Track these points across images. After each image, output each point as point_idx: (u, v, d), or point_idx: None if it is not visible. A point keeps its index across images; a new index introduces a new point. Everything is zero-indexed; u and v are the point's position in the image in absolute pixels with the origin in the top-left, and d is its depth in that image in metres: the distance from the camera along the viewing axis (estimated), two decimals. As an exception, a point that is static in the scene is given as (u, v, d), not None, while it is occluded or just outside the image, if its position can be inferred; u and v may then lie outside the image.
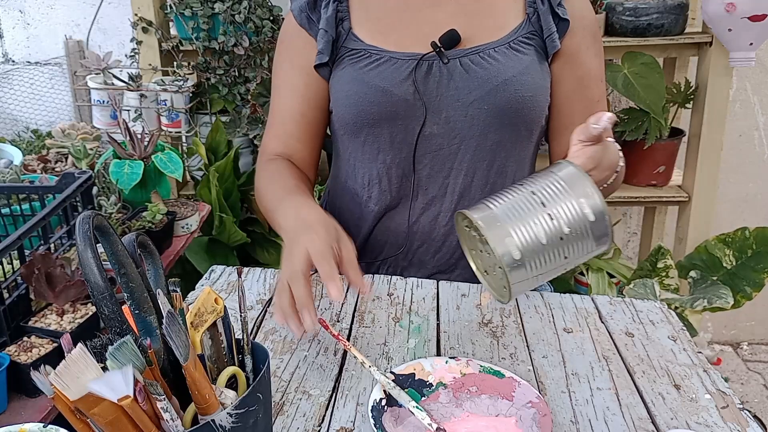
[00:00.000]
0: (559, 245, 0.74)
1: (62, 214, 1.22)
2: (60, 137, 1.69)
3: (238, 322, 0.62)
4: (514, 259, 0.73)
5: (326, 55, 1.07)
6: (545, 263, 0.74)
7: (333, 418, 0.76)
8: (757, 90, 2.37)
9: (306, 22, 1.10)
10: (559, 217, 0.73)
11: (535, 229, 0.73)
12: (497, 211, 0.75)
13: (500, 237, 0.73)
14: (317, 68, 1.09)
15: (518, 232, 0.73)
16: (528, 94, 1.03)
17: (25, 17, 2.37)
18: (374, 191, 1.10)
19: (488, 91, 1.02)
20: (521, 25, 1.06)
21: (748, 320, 2.62)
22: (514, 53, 1.04)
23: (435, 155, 1.06)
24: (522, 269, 0.73)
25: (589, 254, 0.77)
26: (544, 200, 0.74)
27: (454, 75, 1.03)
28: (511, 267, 0.73)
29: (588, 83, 1.09)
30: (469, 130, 1.04)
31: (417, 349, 0.89)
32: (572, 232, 0.74)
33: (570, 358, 0.88)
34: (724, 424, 0.75)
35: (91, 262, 0.51)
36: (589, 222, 0.74)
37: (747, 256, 1.89)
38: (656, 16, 1.88)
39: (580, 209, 0.74)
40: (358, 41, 1.07)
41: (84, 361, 0.48)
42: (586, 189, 0.75)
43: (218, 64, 2.04)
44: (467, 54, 1.03)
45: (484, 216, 0.75)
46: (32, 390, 0.95)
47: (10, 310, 1.02)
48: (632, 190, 2.10)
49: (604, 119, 0.79)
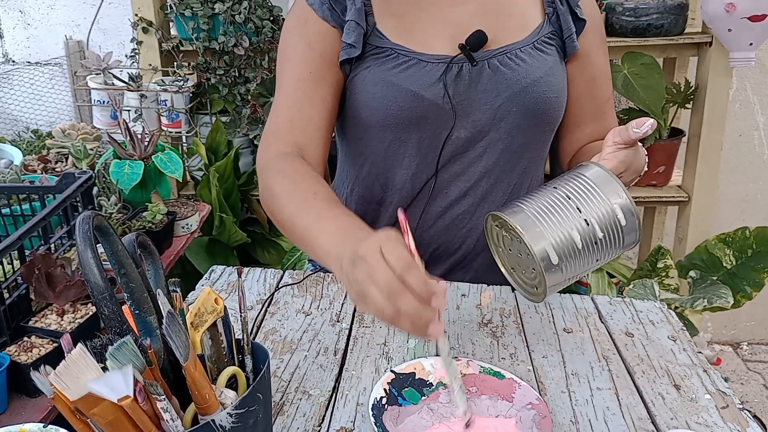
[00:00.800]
0: (593, 248, 0.77)
1: (62, 214, 1.22)
2: (60, 137, 1.69)
3: (238, 322, 0.62)
4: (552, 263, 0.76)
5: (358, 48, 1.01)
6: (579, 266, 0.78)
7: (333, 418, 0.76)
8: (757, 90, 2.37)
9: (329, 13, 1.03)
10: (593, 222, 0.77)
11: (572, 234, 0.76)
12: (535, 215, 0.77)
13: (539, 241, 0.76)
14: (341, 63, 1.03)
15: (556, 237, 0.76)
16: (554, 95, 1.03)
17: (26, 17, 2.37)
18: (395, 196, 1.07)
19: (517, 92, 1.00)
20: (542, 25, 1.05)
21: (748, 320, 2.62)
22: (539, 54, 1.03)
23: (460, 158, 1.04)
24: (558, 272, 0.76)
25: (617, 254, 0.80)
26: (580, 205, 0.77)
27: (482, 77, 1.01)
28: (548, 270, 0.76)
29: (599, 82, 1.09)
30: (496, 133, 1.02)
31: (417, 349, 0.89)
32: (605, 236, 0.77)
33: (570, 358, 0.88)
34: (724, 424, 0.75)
35: (91, 262, 0.51)
36: (621, 225, 0.77)
37: (747, 256, 1.89)
38: (656, 17, 1.88)
39: (613, 214, 0.77)
40: (383, 38, 1.02)
41: (84, 361, 0.48)
42: (619, 193, 0.78)
43: (218, 65, 2.03)
44: (495, 55, 1.01)
45: (521, 220, 0.77)
46: (32, 390, 0.95)
47: (11, 310, 1.02)
48: (632, 190, 2.05)
49: (647, 125, 0.81)
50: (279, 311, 0.99)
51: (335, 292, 1.05)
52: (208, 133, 2.07)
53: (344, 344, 0.91)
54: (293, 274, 1.10)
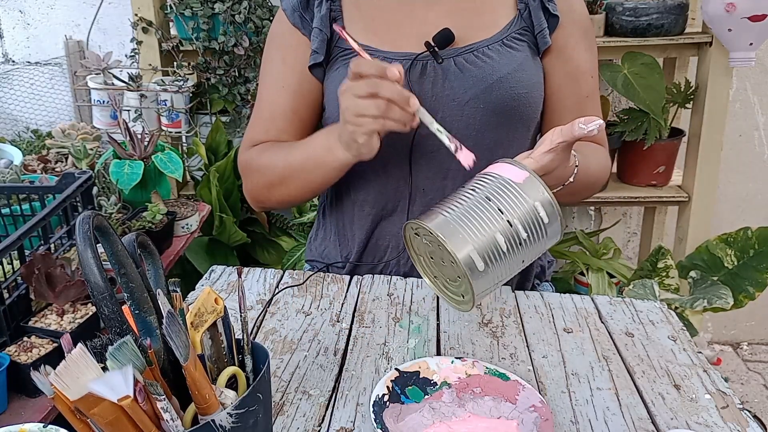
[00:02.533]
0: (518, 249, 0.74)
1: (62, 214, 1.22)
2: (60, 137, 1.69)
3: (238, 322, 0.62)
4: (478, 270, 0.73)
5: (321, 54, 1.06)
6: (506, 268, 0.75)
7: (333, 418, 0.76)
8: (757, 90, 2.37)
9: (299, 21, 1.09)
10: (516, 223, 0.74)
11: (496, 238, 0.73)
12: (456, 220, 0.74)
13: (463, 248, 0.72)
14: (311, 69, 1.08)
15: (480, 241, 0.73)
16: (523, 91, 1.03)
17: (25, 17, 2.37)
18: (371, 195, 1.09)
19: (483, 89, 1.01)
20: (513, 21, 1.05)
21: (748, 320, 2.62)
22: (508, 50, 1.03)
23: (432, 157, 1.05)
24: (485, 278, 0.74)
25: (542, 251, 0.78)
26: (501, 206, 0.74)
27: (448, 75, 1.02)
28: (475, 278, 0.73)
29: (577, 78, 1.08)
30: (465, 130, 1.03)
31: (417, 349, 0.89)
32: (529, 235, 0.74)
33: (570, 358, 0.88)
34: (724, 424, 0.75)
35: (91, 262, 0.51)
36: (543, 223, 0.75)
37: (749, 256, 1.89)
38: (656, 17, 1.88)
39: (535, 211, 0.74)
40: None
41: (84, 361, 0.48)
42: (538, 189, 0.75)
43: (218, 64, 2.03)
44: (461, 53, 1.03)
45: (441, 226, 0.74)
46: (32, 390, 0.95)
47: (10, 310, 1.02)
48: (632, 190, 2.10)
49: (595, 124, 0.78)
50: (279, 311, 0.99)
51: (335, 292, 1.05)
52: (208, 133, 2.07)
53: (344, 344, 0.91)
54: (293, 274, 1.10)
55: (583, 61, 1.09)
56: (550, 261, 1.26)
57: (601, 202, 2.18)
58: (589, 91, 1.10)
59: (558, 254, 2.08)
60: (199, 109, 2.12)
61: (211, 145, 2.06)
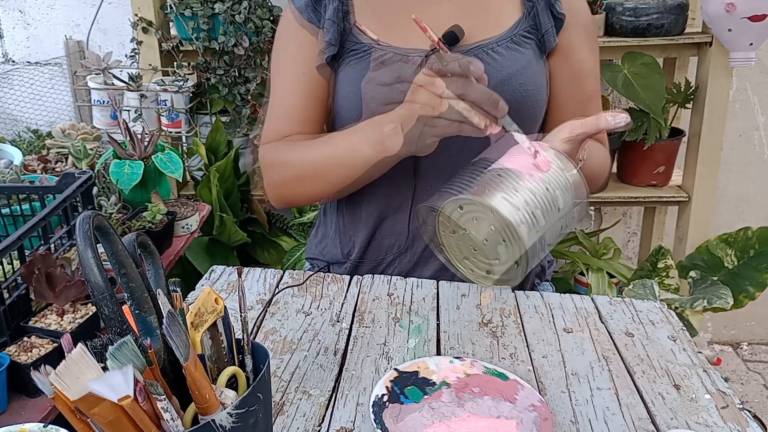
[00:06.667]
0: (547, 197, 0.73)
1: (62, 214, 1.22)
2: (60, 137, 1.69)
3: (238, 322, 0.62)
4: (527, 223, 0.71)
5: (336, 46, 1.05)
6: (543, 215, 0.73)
7: (333, 418, 0.76)
8: (757, 90, 2.37)
9: (312, 14, 1.08)
10: (552, 188, 0.73)
11: (524, 185, 0.72)
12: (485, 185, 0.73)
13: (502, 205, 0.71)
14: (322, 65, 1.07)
15: (517, 198, 0.72)
16: (530, 89, 1.03)
17: (25, 17, 2.37)
18: (376, 193, 1.09)
19: (492, 86, 1.00)
20: (520, 21, 1.06)
21: (748, 320, 2.62)
22: (515, 50, 1.04)
23: (438, 155, 1.05)
24: (531, 234, 0.71)
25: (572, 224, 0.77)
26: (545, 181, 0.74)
27: None
28: (518, 224, 0.71)
29: (581, 79, 1.09)
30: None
31: (417, 349, 0.89)
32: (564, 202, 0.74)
33: (570, 358, 0.88)
34: (724, 424, 0.75)
35: (92, 262, 0.51)
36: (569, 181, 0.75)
37: (749, 256, 1.89)
38: (656, 17, 1.88)
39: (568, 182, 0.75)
40: (362, 35, 1.05)
41: (84, 361, 0.48)
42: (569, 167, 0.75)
43: (218, 65, 2.03)
44: (470, 50, 1.03)
45: (476, 192, 0.73)
46: (32, 390, 0.95)
47: (11, 310, 1.02)
48: (632, 190, 2.10)
49: (623, 118, 0.77)
50: (279, 311, 0.99)
51: (335, 292, 1.05)
52: (208, 133, 2.07)
53: (344, 344, 0.91)
54: (293, 274, 1.10)
55: (586, 62, 1.09)
56: (550, 261, 1.26)
57: (601, 202, 2.18)
58: (592, 91, 1.10)
59: (558, 254, 2.08)
60: (199, 109, 2.12)
61: (211, 145, 2.06)
